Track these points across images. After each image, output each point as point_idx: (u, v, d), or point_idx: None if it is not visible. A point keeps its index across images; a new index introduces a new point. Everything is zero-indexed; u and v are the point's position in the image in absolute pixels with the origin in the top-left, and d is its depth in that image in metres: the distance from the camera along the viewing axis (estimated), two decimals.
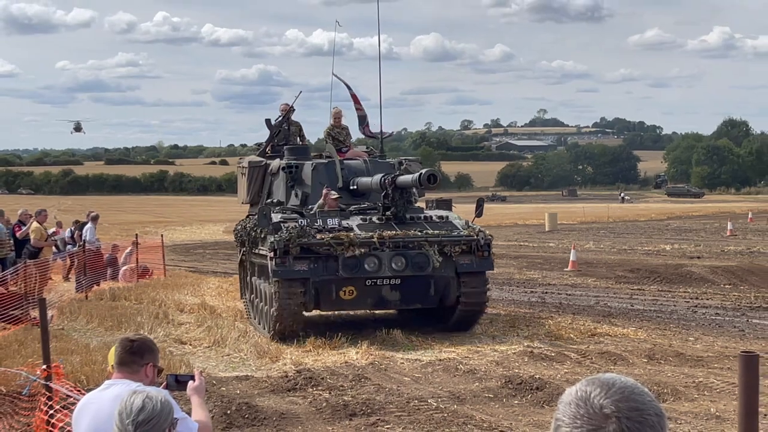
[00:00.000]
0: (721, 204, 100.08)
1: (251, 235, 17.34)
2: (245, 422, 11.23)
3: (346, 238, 15.09)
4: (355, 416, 11.66)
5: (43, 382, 8.54)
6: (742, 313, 20.51)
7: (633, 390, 2.16)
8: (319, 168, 18.12)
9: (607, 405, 2.09)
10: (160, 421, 4.28)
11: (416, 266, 15.36)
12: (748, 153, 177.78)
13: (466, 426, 11.05)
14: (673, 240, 44.55)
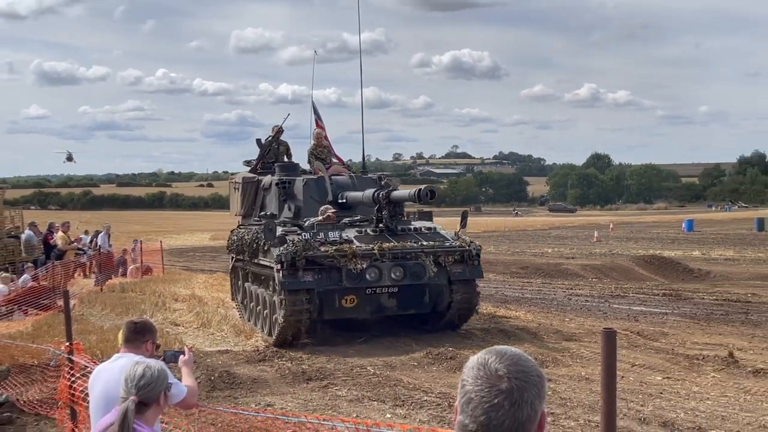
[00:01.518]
0: (589, 217, 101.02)
1: (252, 246, 15.32)
2: (225, 386, 11.20)
3: (348, 251, 13.49)
4: (311, 380, 11.63)
5: (66, 355, 8.43)
6: (605, 300, 20.72)
7: (520, 357, 2.18)
8: (309, 183, 16.20)
9: (500, 368, 2.11)
10: (157, 385, 4.25)
11: (414, 275, 13.86)
12: (610, 179, 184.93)
13: (396, 387, 11.04)
14: (554, 245, 44.96)
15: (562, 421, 9.10)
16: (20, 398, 9.90)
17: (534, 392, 2.11)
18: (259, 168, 18.26)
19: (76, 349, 8.43)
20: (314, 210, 15.45)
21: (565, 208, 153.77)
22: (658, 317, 17.43)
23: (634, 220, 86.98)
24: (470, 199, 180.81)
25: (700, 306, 19.07)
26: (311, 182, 16.19)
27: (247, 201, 17.55)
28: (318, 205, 15.61)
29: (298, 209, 15.92)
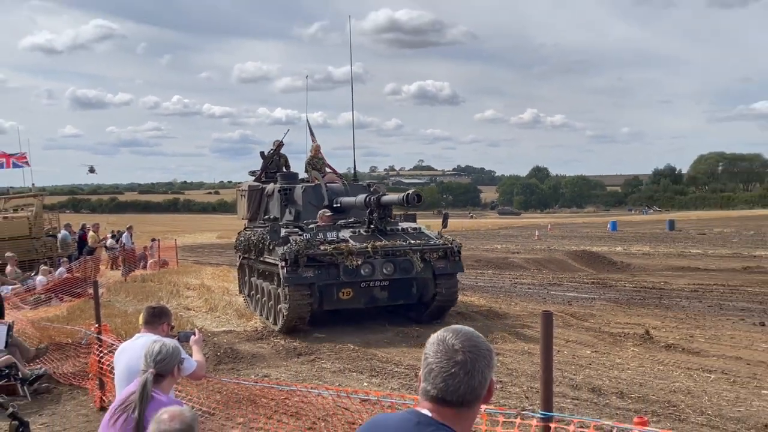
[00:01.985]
0: (531, 219, 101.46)
1: (258, 246, 14.48)
2: (229, 360, 11.17)
3: (345, 249, 12.92)
4: (300, 355, 11.60)
5: (95, 335, 8.39)
6: (544, 287, 20.81)
7: (473, 334, 2.19)
8: (308, 190, 15.58)
9: (456, 344, 2.13)
10: (171, 360, 4.24)
11: (403, 270, 13.28)
12: (548, 187, 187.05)
13: (372, 360, 11.04)
14: (502, 242, 45.08)
15: (509, 388, 9.13)
16: (56, 371, 9.84)
17: (484, 363, 2.13)
18: (262, 177, 17.60)
19: (104, 330, 8.41)
20: (312, 213, 15.00)
21: (511, 211, 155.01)
22: (588, 301, 17.53)
23: (567, 222, 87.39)
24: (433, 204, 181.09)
25: (622, 292, 19.20)
26: (309, 189, 15.66)
27: (252, 206, 16.81)
28: (315, 209, 15.12)
29: (298, 213, 15.38)
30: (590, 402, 8.37)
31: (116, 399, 4.53)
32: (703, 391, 8.81)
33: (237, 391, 7.20)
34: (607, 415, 7.58)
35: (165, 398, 4.11)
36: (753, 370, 9.89)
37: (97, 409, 8.12)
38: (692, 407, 8.08)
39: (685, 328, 13.27)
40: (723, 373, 9.73)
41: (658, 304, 16.88)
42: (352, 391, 5.93)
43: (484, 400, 2.18)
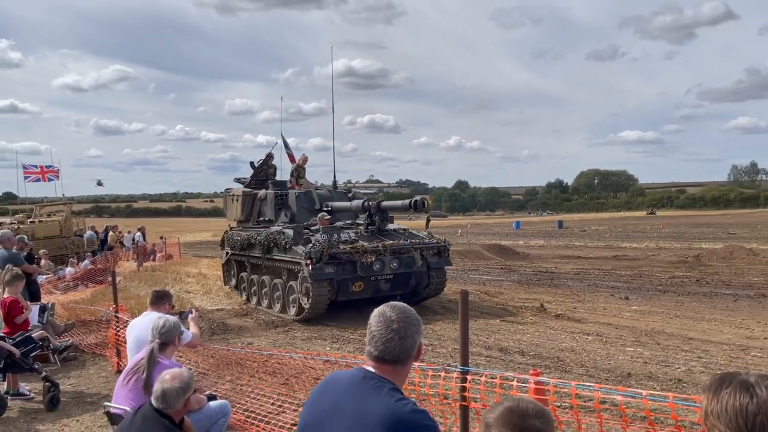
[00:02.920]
0: (456, 221, 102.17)
1: (265, 244, 12.84)
2: (221, 331, 10.97)
3: (361, 248, 11.75)
4: (277, 327, 11.47)
5: (114, 314, 8.21)
6: (465, 272, 20.96)
7: (406, 308, 2.20)
8: (300, 195, 14.17)
9: (392, 315, 2.14)
10: (173, 332, 4.18)
11: (406, 265, 12.26)
12: (468, 196, 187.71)
13: (333, 330, 10.99)
14: None
15: (437, 349, 9.16)
16: (82, 343, 9.61)
17: (414, 330, 2.15)
18: (252, 184, 15.68)
19: (120, 309, 8.25)
20: (305, 216, 13.71)
21: (441, 214, 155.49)
22: (498, 283, 17.71)
23: (482, 222, 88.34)
24: None
25: (523, 275, 19.44)
26: (301, 195, 14.27)
27: (246, 209, 14.94)
28: (307, 212, 13.89)
29: (292, 216, 13.92)
30: (499, 359, 8.44)
31: (128, 363, 4.45)
32: (583, 349, 8.96)
33: (227, 356, 7.11)
34: (512, 368, 7.66)
35: (168, 362, 4.05)
36: (619, 332, 10.09)
37: (115, 372, 7.93)
38: (575, 361, 8.22)
39: (570, 302, 13.47)
40: (597, 335, 9.91)
41: (550, 284, 17.12)
42: (317, 354, 5.90)
43: (415, 359, 2.20)
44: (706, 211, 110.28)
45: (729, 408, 1.30)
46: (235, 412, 5.48)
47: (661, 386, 6.82)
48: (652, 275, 17.96)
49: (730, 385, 1.34)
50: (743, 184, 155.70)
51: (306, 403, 2.30)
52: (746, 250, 22.21)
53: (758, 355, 8.34)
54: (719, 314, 11.52)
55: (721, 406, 1.32)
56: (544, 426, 1.67)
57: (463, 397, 3.91)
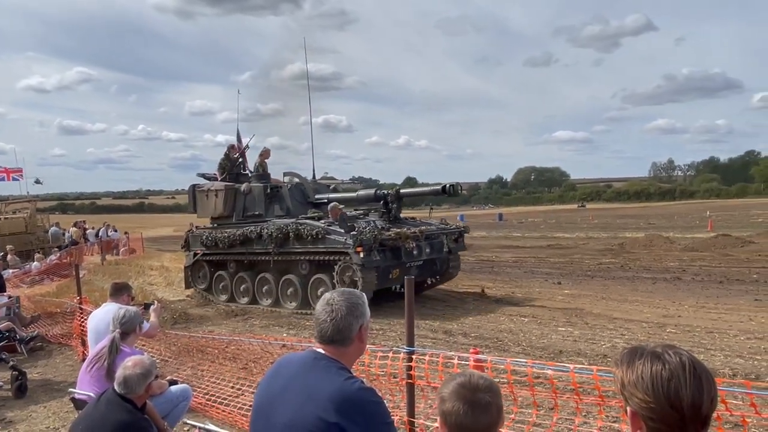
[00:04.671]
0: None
1: (279, 238, 11.27)
2: (183, 321, 10.78)
3: (404, 234, 10.80)
4: (237, 316, 11.34)
5: (78, 305, 7.97)
6: None
7: (350, 293, 2.21)
8: (292, 189, 12.95)
9: (333, 299, 2.16)
10: (133, 321, 4.08)
11: (437, 251, 11.55)
12: None
13: (290, 318, 10.91)
14: None
15: (387, 333, 9.20)
16: (48, 333, 9.31)
17: (348, 312, 2.15)
18: (227, 178, 13.60)
19: (84, 301, 8.03)
20: (300, 209, 12.53)
21: None
22: None
23: None
24: None
25: (466, 264, 19.60)
26: (293, 188, 13.05)
27: (228, 204, 12.97)
28: (300, 205, 12.74)
29: (287, 209, 12.60)
30: (444, 340, 8.53)
31: (90, 352, 4.33)
32: (520, 329, 9.14)
33: (188, 344, 6.98)
34: (455, 348, 7.74)
35: (129, 350, 3.96)
36: (553, 314, 10.32)
37: (80, 360, 7.69)
38: (512, 341, 8.37)
39: (509, 288, 13.67)
40: (533, 317, 10.10)
41: (490, 271, 17.34)
42: (275, 339, 5.86)
43: (359, 340, 2.19)
44: (630, 204, 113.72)
45: (645, 376, 1.35)
46: (196, 395, 5.40)
47: (588, 361, 7.01)
48: (582, 262, 18.40)
49: (642, 356, 1.39)
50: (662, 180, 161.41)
51: (260, 385, 2.28)
52: (664, 238, 22.99)
53: (673, 331, 8.67)
54: (640, 296, 11.90)
55: (636, 376, 1.36)
56: (493, 398, 1.73)
57: (409, 375, 3.95)
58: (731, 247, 19.96)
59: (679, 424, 1.32)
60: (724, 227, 30.23)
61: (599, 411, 3.57)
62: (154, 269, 19.62)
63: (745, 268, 15.33)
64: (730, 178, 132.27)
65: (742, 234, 23.65)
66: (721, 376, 6.06)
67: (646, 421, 1.35)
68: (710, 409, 1.33)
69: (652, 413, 1.33)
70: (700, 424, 1.32)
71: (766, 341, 7.83)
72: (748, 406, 2.85)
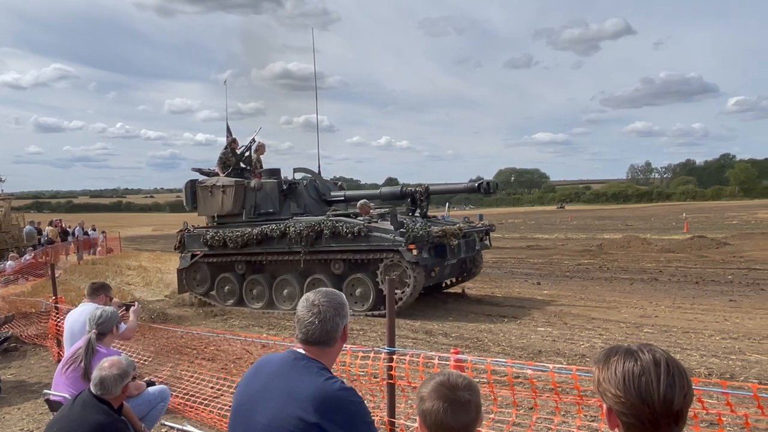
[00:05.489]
0: None
1: (310, 236, 10.65)
2: (161, 321, 10.58)
3: (450, 231, 10.44)
4: (216, 316, 11.25)
5: (53, 305, 7.85)
6: None
7: (331, 293, 2.20)
8: (308, 185, 12.38)
9: (316, 300, 2.15)
10: (110, 322, 4.02)
11: (471, 249, 11.26)
12: None
13: (270, 318, 10.85)
14: None
15: (368, 333, 9.19)
16: (23, 334, 9.15)
17: (334, 313, 2.15)
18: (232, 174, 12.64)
19: (60, 301, 7.90)
20: (316, 207, 12.11)
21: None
22: None
23: None
24: None
25: None
26: (308, 184, 12.45)
27: (238, 201, 12.04)
28: (316, 203, 12.27)
29: (305, 206, 12.01)
30: (424, 341, 8.54)
31: (66, 353, 4.26)
32: (500, 330, 9.18)
33: (167, 344, 6.91)
34: (435, 348, 7.76)
35: (105, 350, 3.91)
36: (532, 314, 10.39)
37: (55, 361, 7.57)
38: (492, 341, 8.41)
39: (489, 288, 13.70)
40: (513, 317, 10.16)
41: None
42: (256, 337, 5.82)
43: (342, 340, 2.20)
44: (608, 206, 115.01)
45: (618, 372, 1.38)
46: (175, 396, 5.34)
47: (567, 361, 7.07)
48: (561, 263, 18.55)
49: (617, 354, 1.42)
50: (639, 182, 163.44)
51: (239, 385, 2.26)
52: (641, 239, 23.28)
53: (650, 331, 8.78)
54: (618, 296, 12.04)
55: (610, 373, 1.39)
56: (472, 397, 1.75)
57: (390, 375, 3.95)
58: (707, 249, 20.28)
59: (651, 419, 1.34)
60: (700, 229, 30.70)
61: (578, 410, 3.60)
62: (132, 269, 19.41)
63: (720, 269, 15.58)
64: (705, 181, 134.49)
65: (717, 236, 24.06)
66: (697, 376, 6.16)
67: (620, 417, 1.38)
68: (683, 405, 1.35)
69: (625, 409, 1.36)
70: (672, 420, 1.34)
71: (740, 341, 7.97)
72: (724, 404, 2.89)
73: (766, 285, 12.80)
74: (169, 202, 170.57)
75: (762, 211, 50.21)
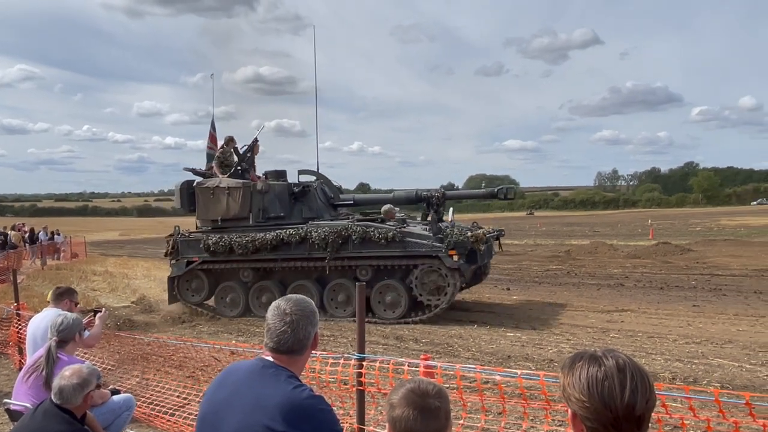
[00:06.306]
0: None
1: (335, 242, 10.25)
2: (127, 328, 10.39)
3: (480, 237, 10.22)
4: (184, 323, 11.09)
5: (15, 311, 7.63)
6: None
7: (301, 300, 2.18)
8: (318, 189, 11.82)
9: (286, 308, 2.12)
10: (72, 329, 3.91)
11: (489, 254, 11.10)
12: None
13: (239, 325, 10.72)
14: None
15: (338, 339, 9.16)
16: None
17: (307, 321, 2.13)
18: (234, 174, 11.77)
19: (22, 308, 7.68)
20: (324, 211, 11.61)
21: None
22: None
23: None
24: None
25: None
26: (318, 188, 11.85)
27: (245, 205, 11.25)
28: (325, 207, 11.74)
29: (317, 210, 11.49)
30: (395, 347, 8.55)
31: (27, 361, 4.15)
32: (470, 335, 9.24)
33: (133, 351, 6.77)
34: (406, 354, 7.77)
35: (67, 358, 3.80)
36: (501, 320, 10.48)
37: (17, 369, 7.35)
38: (463, 346, 8.46)
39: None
40: (483, 322, 10.24)
41: None
42: (225, 344, 5.73)
43: (312, 348, 2.18)
44: (576, 212, 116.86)
45: (582, 378, 1.39)
46: (140, 405, 5.24)
47: (536, 366, 7.14)
48: (530, 268, 18.75)
49: (581, 360, 1.44)
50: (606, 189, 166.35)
51: (205, 394, 2.22)
52: (608, 245, 23.70)
53: (616, 336, 8.93)
54: (585, 301, 12.21)
55: (575, 378, 1.41)
56: (442, 404, 1.75)
57: (359, 382, 3.93)
58: (671, 255, 20.73)
59: (613, 424, 1.36)
60: (665, 235, 31.38)
61: (545, 415, 3.64)
62: (98, 274, 19.01)
63: (684, 275, 15.93)
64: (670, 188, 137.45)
65: (681, 242, 24.61)
66: (661, 380, 6.27)
67: (584, 422, 1.39)
68: (645, 410, 1.37)
69: (589, 413, 1.38)
70: (634, 425, 1.36)
71: (703, 346, 8.15)
72: (687, 409, 2.95)
73: (728, 290, 13.13)
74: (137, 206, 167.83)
75: (724, 219, 51.57)
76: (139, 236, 54.88)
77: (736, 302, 11.75)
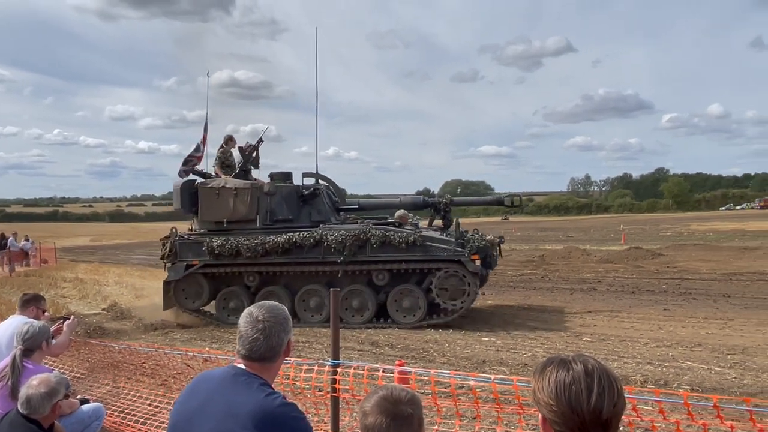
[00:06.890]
0: None
1: (353, 246, 10.17)
2: (97, 335, 10.19)
3: (493, 242, 10.46)
4: (157, 330, 10.91)
5: None
6: None
7: (274, 307, 2.17)
8: (324, 192, 11.46)
9: (259, 315, 2.10)
10: (38, 337, 3.83)
11: (494, 261, 11.04)
12: None
13: (214, 332, 10.60)
14: None
15: (313, 346, 9.10)
16: None
17: (280, 328, 2.11)
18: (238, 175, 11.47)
19: None
20: (331, 215, 11.30)
21: None
22: None
23: None
24: None
25: None
26: (325, 191, 11.57)
27: (252, 206, 10.87)
28: (331, 210, 11.44)
29: (325, 213, 11.18)
30: (370, 352, 8.52)
31: None
32: (445, 340, 9.26)
33: (103, 359, 6.64)
34: (381, 360, 7.74)
35: (33, 367, 3.72)
36: (476, 324, 10.53)
37: None
38: (438, 351, 8.47)
39: None
40: (458, 327, 10.26)
41: None
42: (198, 351, 5.66)
43: (285, 355, 2.17)
44: (550, 217, 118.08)
45: (551, 382, 1.41)
46: (111, 414, 5.14)
47: (510, 370, 7.18)
48: (505, 273, 18.87)
49: (552, 364, 1.45)
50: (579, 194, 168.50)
51: (176, 402, 2.19)
52: (581, 250, 23.99)
53: (588, 340, 9.03)
54: (559, 305, 12.34)
55: (544, 382, 1.42)
56: (414, 411, 1.76)
57: (334, 388, 3.92)
58: (642, 259, 21.08)
59: (581, 428, 1.37)
60: (636, 240, 31.90)
61: (519, 420, 3.66)
62: (68, 281, 18.64)
63: (655, 279, 16.21)
64: (641, 194, 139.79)
65: (652, 247, 25.05)
66: (632, 383, 6.36)
67: (553, 426, 1.40)
68: (612, 414, 1.38)
69: (557, 417, 1.39)
70: (602, 429, 1.38)
71: (673, 349, 8.29)
72: (657, 412, 2.99)
73: (697, 294, 13.39)
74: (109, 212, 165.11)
75: (694, 224, 52.62)
76: (111, 242, 53.99)
77: (706, 306, 11.99)
